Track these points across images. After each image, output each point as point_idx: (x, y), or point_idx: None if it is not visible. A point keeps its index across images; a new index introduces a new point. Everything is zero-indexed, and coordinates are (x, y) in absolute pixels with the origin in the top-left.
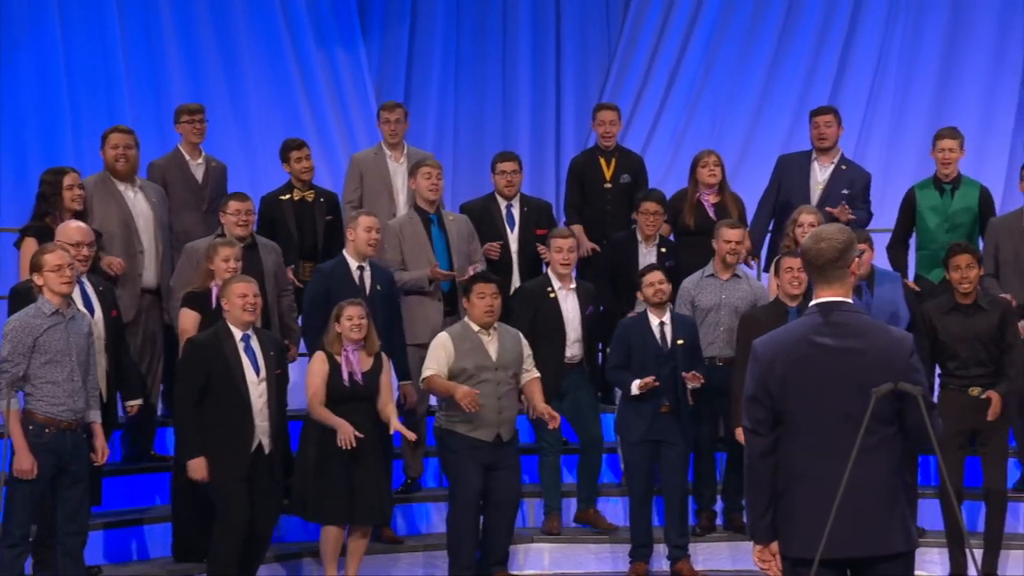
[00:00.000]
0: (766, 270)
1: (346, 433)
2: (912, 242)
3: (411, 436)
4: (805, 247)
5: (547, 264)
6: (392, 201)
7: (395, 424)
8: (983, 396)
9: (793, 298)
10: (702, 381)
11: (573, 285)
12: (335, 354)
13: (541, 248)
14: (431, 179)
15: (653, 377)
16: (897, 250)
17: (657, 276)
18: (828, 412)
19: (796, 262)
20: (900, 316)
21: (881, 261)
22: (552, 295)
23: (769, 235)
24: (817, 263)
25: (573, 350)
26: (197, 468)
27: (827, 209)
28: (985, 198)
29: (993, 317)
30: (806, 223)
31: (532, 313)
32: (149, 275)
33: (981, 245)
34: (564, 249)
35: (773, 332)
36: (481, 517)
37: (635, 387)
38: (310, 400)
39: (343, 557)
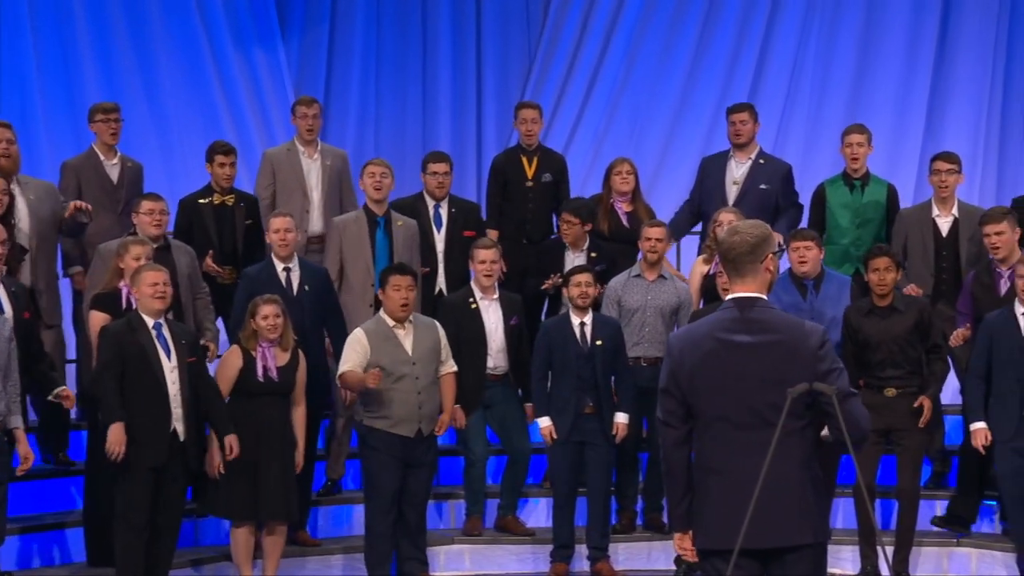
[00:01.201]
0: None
1: (213, 466)
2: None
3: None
4: (720, 241)
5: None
6: (306, 198)
7: (300, 418)
8: (916, 405)
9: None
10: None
11: (496, 295)
12: (251, 349)
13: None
14: (375, 178)
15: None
16: None
17: (585, 277)
18: (738, 406)
19: None
20: (834, 320)
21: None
22: (474, 306)
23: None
24: (730, 257)
25: (496, 360)
26: (115, 433)
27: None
28: (893, 196)
29: (909, 318)
30: (725, 222)
31: (455, 325)
32: (25, 274)
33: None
34: (488, 260)
35: (687, 327)
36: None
37: (542, 427)
38: None
39: (259, 560)
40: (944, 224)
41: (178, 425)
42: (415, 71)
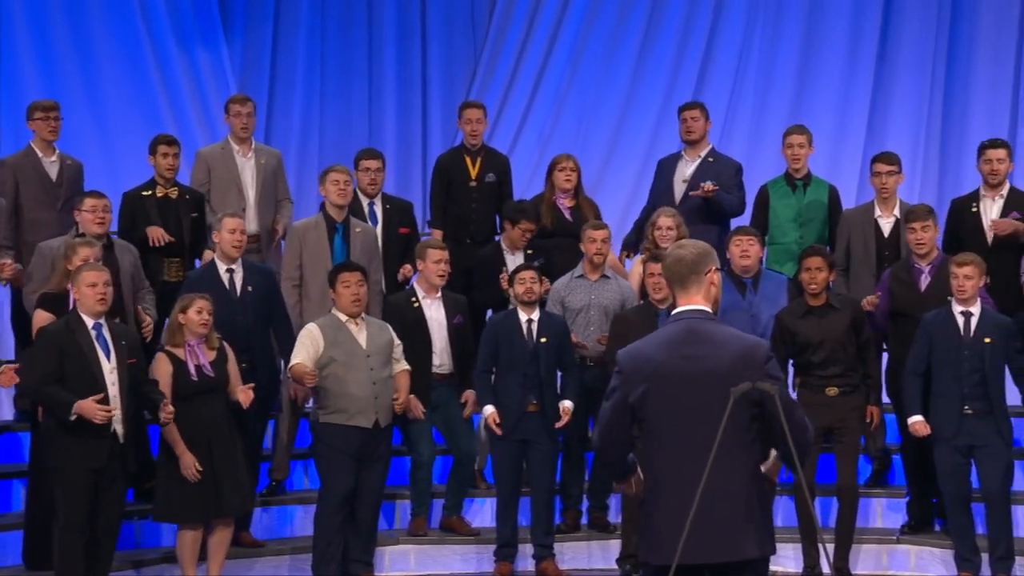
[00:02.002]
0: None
1: (189, 466)
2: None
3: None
4: (665, 256)
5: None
6: (241, 196)
7: (244, 398)
8: (868, 420)
9: (661, 301)
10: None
11: (439, 295)
12: (175, 349)
13: (406, 268)
14: (339, 185)
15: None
16: None
17: (530, 274)
18: (687, 420)
19: (658, 267)
20: (768, 318)
21: None
22: (416, 304)
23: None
24: (674, 270)
25: (441, 359)
26: (86, 408)
27: (691, 194)
28: (834, 196)
29: (845, 317)
30: (664, 226)
31: (399, 325)
32: None
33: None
34: (442, 260)
35: (635, 344)
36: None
37: (486, 415)
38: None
39: (202, 562)
40: (886, 225)
41: (118, 427)
42: (360, 71)
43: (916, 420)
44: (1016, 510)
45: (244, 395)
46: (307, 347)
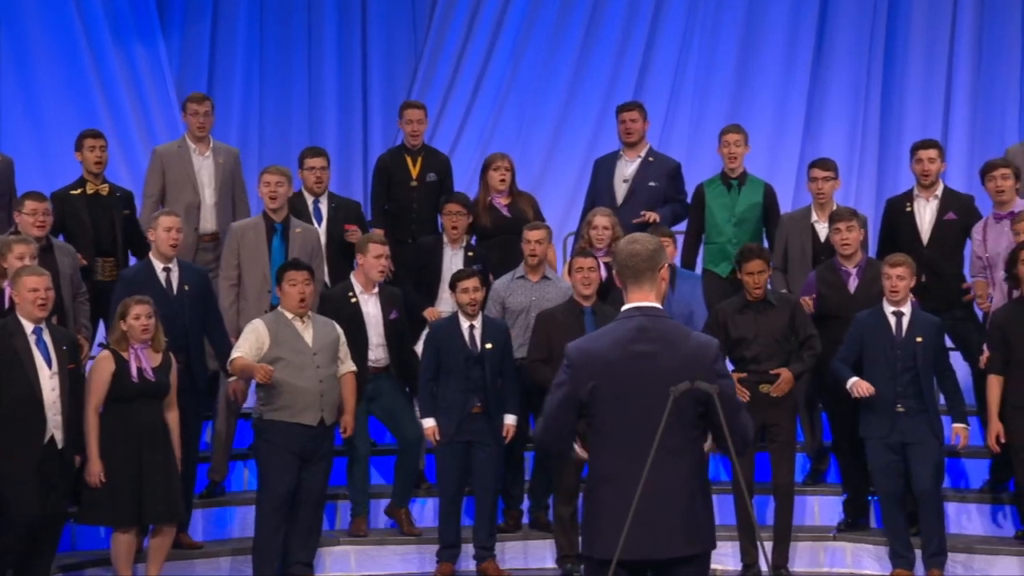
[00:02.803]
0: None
1: (94, 474)
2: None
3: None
4: (619, 252)
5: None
6: (197, 195)
7: (174, 422)
8: (772, 372)
9: (586, 298)
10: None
11: (375, 290)
12: (121, 352)
13: (352, 231)
14: (270, 187)
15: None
16: (689, 245)
17: (472, 283)
18: (636, 417)
19: (587, 262)
20: (696, 315)
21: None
22: (353, 299)
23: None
24: (630, 264)
25: (377, 354)
26: None
27: (633, 221)
28: (770, 195)
29: (783, 314)
30: (600, 225)
31: (335, 319)
32: None
33: (766, 241)
34: (383, 255)
35: (586, 339)
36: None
37: (425, 428)
38: (86, 402)
39: (139, 563)
40: (822, 230)
41: (56, 432)
42: (300, 69)
43: (853, 380)
44: (947, 507)
45: (172, 420)
46: (251, 342)
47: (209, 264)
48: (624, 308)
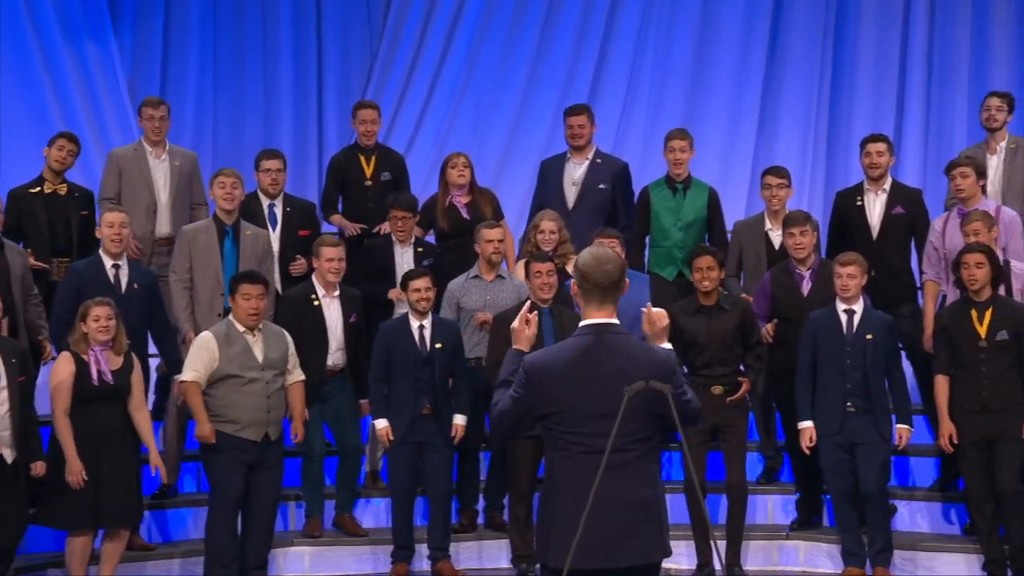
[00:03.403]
0: None
1: (75, 473)
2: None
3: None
4: (587, 268)
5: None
6: (153, 198)
7: (146, 422)
8: (739, 394)
9: (544, 301)
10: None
11: (337, 292)
12: (82, 353)
13: (298, 263)
14: (225, 188)
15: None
16: (634, 248)
17: (424, 283)
18: (592, 430)
19: (545, 266)
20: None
21: None
22: (316, 302)
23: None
24: (603, 284)
25: (335, 358)
26: None
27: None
28: (713, 199)
29: (734, 317)
30: (547, 229)
31: (296, 321)
32: None
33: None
34: (335, 258)
35: (546, 355)
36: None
37: (378, 429)
38: (53, 406)
39: (93, 566)
40: (776, 237)
41: (6, 451)
42: (254, 69)
43: (805, 427)
44: (898, 504)
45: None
46: (201, 360)
47: (165, 268)
48: (584, 324)
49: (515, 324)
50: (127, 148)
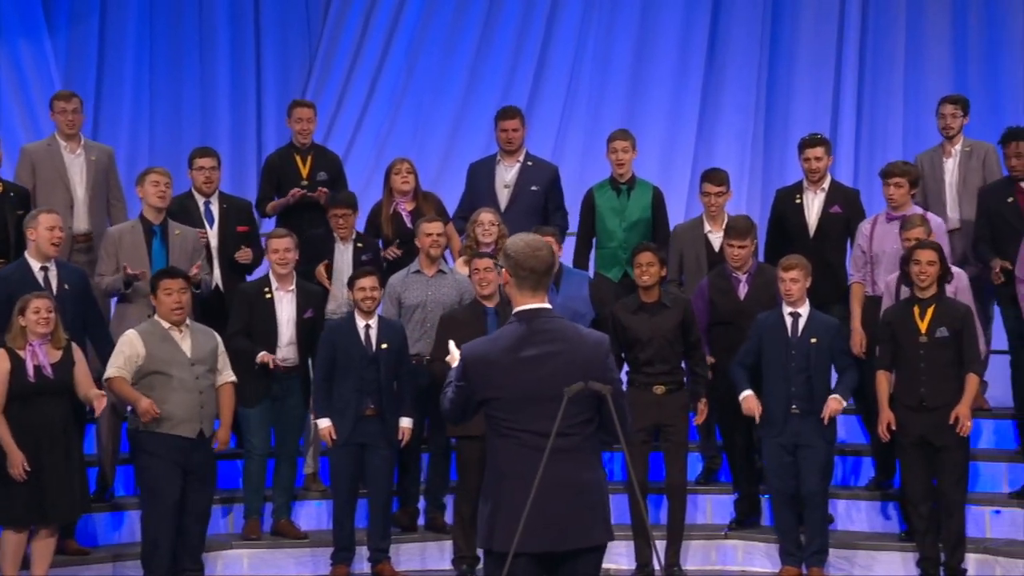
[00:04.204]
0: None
1: (16, 465)
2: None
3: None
4: (521, 256)
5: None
6: (69, 194)
7: (98, 404)
8: (698, 418)
9: (487, 298)
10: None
11: (292, 287)
12: (18, 350)
13: (243, 252)
14: (159, 187)
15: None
16: (580, 250)
17: (369, 282)
18: (534, 415)
19: (483, 263)
20: (582, 314)
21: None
22: (268, 295)
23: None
24: (538, 270)
25: (285, 352)
26: None
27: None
28: (658, 199)
29: (676, 315)
30: (486, 222)
31: (248, 314)
32: None
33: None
34: (280, 249)
35: (480, 341)
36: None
37: (321, 429)
38: None
39: (25, 569)
40: (716, 239)
41: None
42: (192, 68)
43: (746, 394)
44: (837, 504)
45: (98, 401)
46: (126, 357)
47: (82, 266)
48: (519, 310)
49: (448, 358)
50: (40, 143)
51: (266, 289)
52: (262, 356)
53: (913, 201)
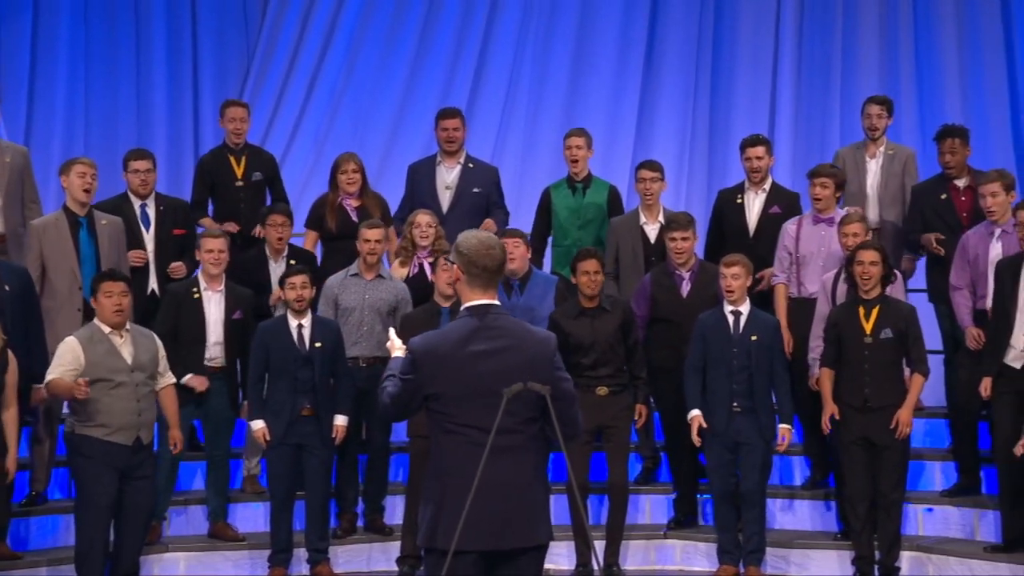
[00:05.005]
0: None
1: None
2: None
3: None
4: (474, 253)
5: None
6: None
7: (11, 421)
8: (637, 418)
9: (447, 298)
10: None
11: (221, 287)
12: None
13: (176, 266)
14: (85, 179)
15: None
16: (534, 249)
17: (300, 279)
18: (479, 411)
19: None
20: (543, 317)
21: None
22: (196, 296)
23: None
24: (491, 268)
25: (213, 352)
26: None
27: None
28: (614, 197)
29: (616, 318)
30: (424, 223)
31: (176, 314)
32: None
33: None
34: (215, 249)
35: (430, 334)
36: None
37: (255, 430)
38: None
39: None
40: (651, 231)
41: None
42: (127, 68)
43: (694, 415)
44: (775, 503)
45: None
46: (65, 362)
47: None
48: (469, 305)
49: (388, 344)
50: None
51: (194, 289)
52: (188, 380)
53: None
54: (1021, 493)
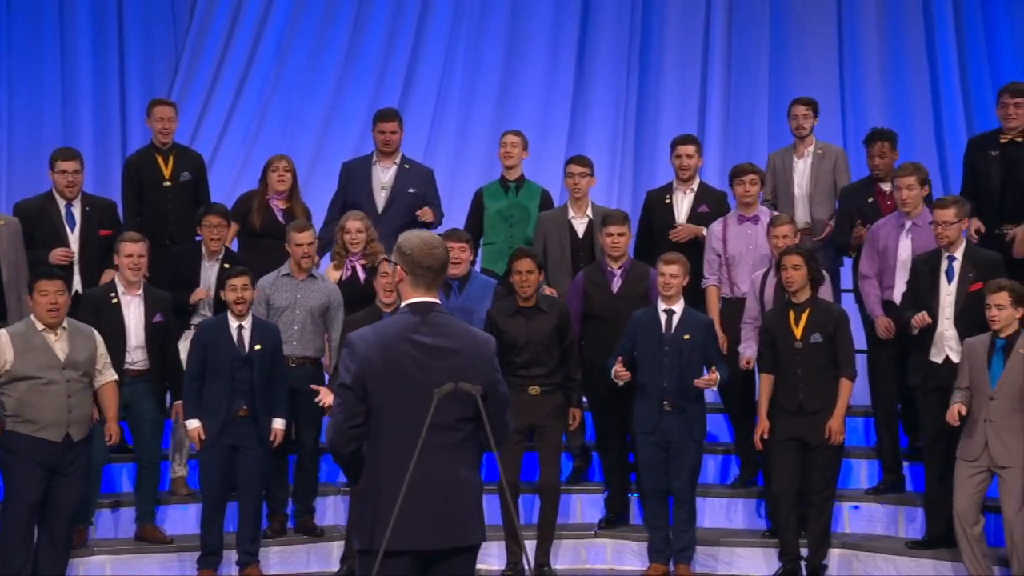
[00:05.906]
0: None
1: None
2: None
3: None
4: (417, 253)
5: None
6: None
7: None
8: (571, 422)
9: (389, 305)
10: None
11: (140, 291)
12: None
13: (108, 273)
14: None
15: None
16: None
17: (241, 281)
18: (414, 410)
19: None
20: (481, 318)
21: None
22: (115, 300)
23: None
24: (435, 268)
25: (135, 356)
26: None
27: (418, 215)
28: (546, 200)
29: (552, 318)
30: (354, 229)
31: (95, 319)
32: None
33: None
34: (134, 254)
35: (369, 327)
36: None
37: (190, 430)
38: None
39: None
40: (580, 225)
41: None
42: (52, 65)
43: (618, 369)
44: (709, 501)
45: None
46: None
47: None
48: (410, 302)
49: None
50: None
51: (112, 294)
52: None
53: (764, 201)
54: (944, 490)
